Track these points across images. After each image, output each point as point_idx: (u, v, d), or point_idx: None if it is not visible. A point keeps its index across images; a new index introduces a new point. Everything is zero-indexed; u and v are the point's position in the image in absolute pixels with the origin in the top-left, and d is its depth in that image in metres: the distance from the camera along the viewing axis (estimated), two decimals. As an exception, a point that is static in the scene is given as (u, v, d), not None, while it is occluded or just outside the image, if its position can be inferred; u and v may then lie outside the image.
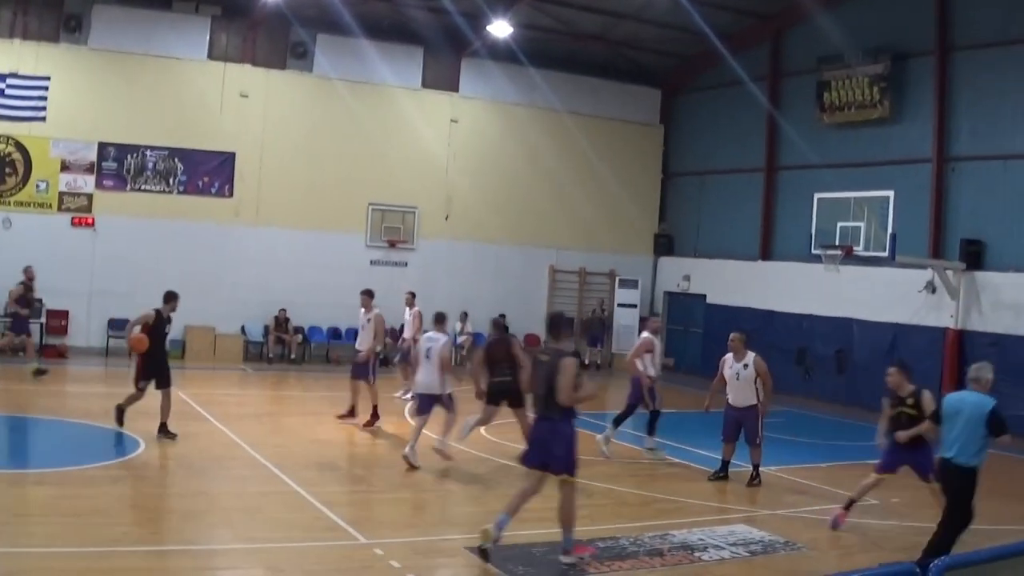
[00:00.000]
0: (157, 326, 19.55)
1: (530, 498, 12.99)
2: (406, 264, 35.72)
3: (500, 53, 35.80)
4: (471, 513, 15.20)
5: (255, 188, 33.25)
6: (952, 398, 13.52)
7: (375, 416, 21.98)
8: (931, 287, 29.13)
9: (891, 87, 31.29)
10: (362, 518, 14.03)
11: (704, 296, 38.04)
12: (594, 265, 39.22)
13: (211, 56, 32.86)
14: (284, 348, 33.32)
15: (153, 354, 19.41)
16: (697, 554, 13.46)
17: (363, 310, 23.59)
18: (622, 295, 39.08)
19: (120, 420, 19.13)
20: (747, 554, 13.65)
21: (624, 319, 38.71)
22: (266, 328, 33.40)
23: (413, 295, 27.42)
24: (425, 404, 18.74)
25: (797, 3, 33.40)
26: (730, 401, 18.66)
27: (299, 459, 18.52)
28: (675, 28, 35.10)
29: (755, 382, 18.26)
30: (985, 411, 12.87)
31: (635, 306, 38.81)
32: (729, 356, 18.73)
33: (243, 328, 33.41)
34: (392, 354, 31.07)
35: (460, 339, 35.06)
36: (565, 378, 12.39)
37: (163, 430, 18.98)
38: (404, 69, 35.69)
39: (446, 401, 18.63)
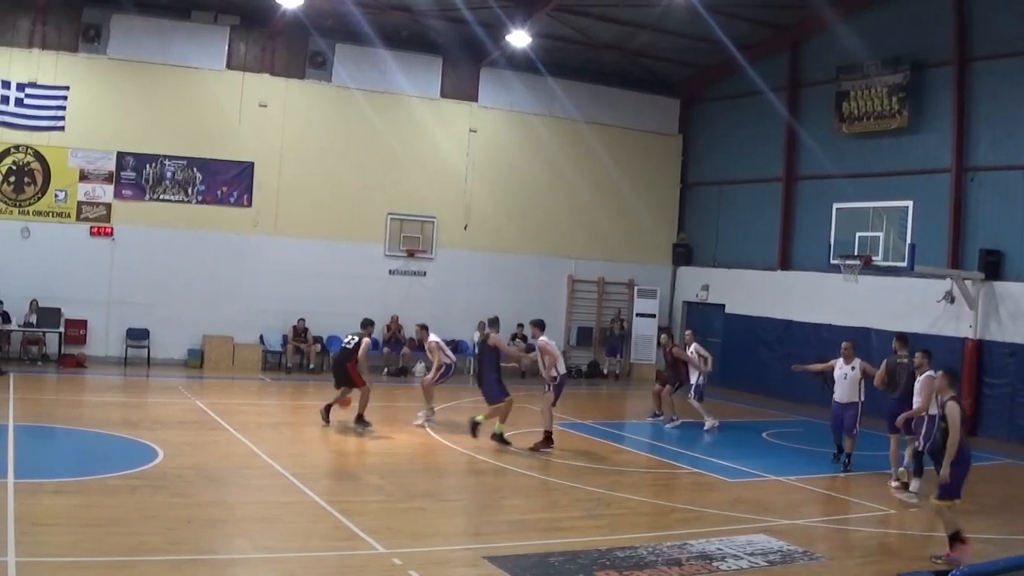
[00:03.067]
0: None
1: None
2: (425, 274, 35.72)
3: (519, 63, 35.87)
4: (489, 523, 15.19)
5: (274, 198, 33.27)
6: None
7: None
8: (950, 297, 29.04)
9: (910, 97, 31.21)
10: (380, 528, 13.96)
11: (723, 306, 37.96)
12: (613, 275, 39.18)
13: (230, 66, 32.89)
14: (303, 358, 33.23)
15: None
16: (715, 564, 13.39)
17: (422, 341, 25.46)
18: (641, 305, 38.99)
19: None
20: (765, 564, 13.59)
21: (643, 329, 38.67)
22: (285, 338, 33.34)
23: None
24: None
25: (815, 14, 33.38)
26: (835, 398, 21.66)
27: (317, 469, 18.57)
28: (693, 38, 35.04)
29: (860, 383, 21.34)
30: None
31: (654, 316, 38.76)
32: (839, 360, 21.75)
33: (261, 338, 33.35)
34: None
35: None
36: None
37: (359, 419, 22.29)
38: (423, 79, 35.70)
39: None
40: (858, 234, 30.72)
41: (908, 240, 29.61)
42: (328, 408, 22.79)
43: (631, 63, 38.12)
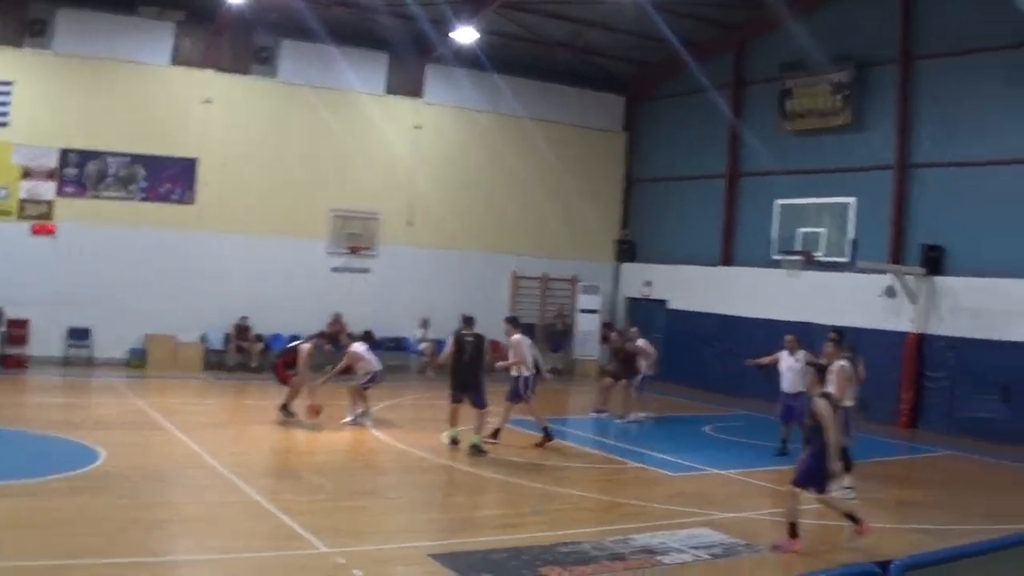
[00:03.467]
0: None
1: None
2: (368, 271, 35.55)
3: (465, 60, 35.78)
4: (432, 520, 15.22)
5: (217, 194, 32.96)
6: None
7: None
8: (891, 292, 29.27)
9: (853, 95, 31.49)
10: (323, 526, 13.93)
11: (665, 302, 38.11)
12: (556, 271, 39.23)
13: (175, 61, 32.58)
14: (245, 356, 33.06)
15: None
16: (659, 557, 13.48)
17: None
18: (584, 301, 39.03)
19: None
20: (708, 557, 13.69)
21: (586, 325, 38.73)
22: (227, 336, 33.12)
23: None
24: None
25: (762, 12, 33.56)
26: (784, 388, 22.30)
27: (259, 468, 18.54)
28: (640, 36, 35.15)
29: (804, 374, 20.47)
30: None
31: (596, 312, 38.82)
32: (784, 352, 22.51)
33: (204, 336, 33.15)
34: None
35: (421, 346, 35.03)
36: None
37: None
38: (368, 75, 35.54)
39: None
40: (800, 230, 31.01)
41: (850, 236, 29.92)
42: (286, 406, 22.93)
43: (578, 60, 38.19)
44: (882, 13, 31.07)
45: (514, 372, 21.90)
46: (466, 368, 21.03)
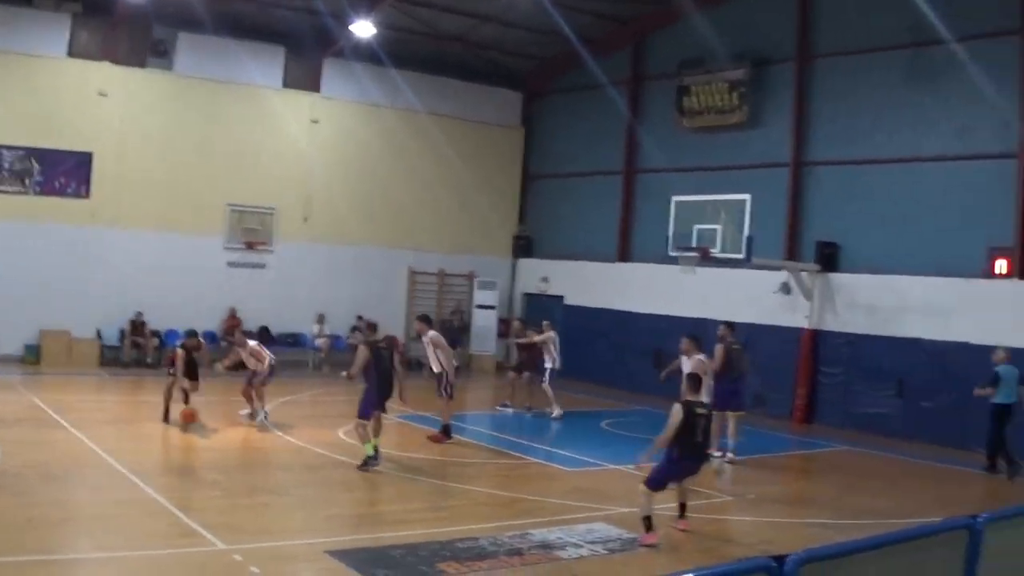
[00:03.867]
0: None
1: None
2: (264, 266, 35.27)
3: (363, 54, 35.60)
4: (330, 517, 15.19)
5: (113, 189, 32.51)
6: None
7: None
8: (786, 288, 29.57)
9: (750, 92, 31.80)
10: (220, 524, 13.86)
11: (562, 297, 38.25)
12: (453, 267, 39.23)
13: (71, 54, 32.00)
14: (140, 352, 32.69)
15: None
16: (556, 552, 13.57)
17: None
18: (481, 296, 39.07)
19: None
20: (605, 551, 13.80)
21: (483, 320, 38.79)
22: (122, 332, 32.71)
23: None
24: None
25: (659, 8, 33.79)
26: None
27: (156, 465, 18.39)
28: (537, 31, 35.28)
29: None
30: None
31: (494, 307, 38.87)
32: (683, 357, 21.68)
33: (99, 332, 32.70)
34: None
35: (318, 342, 34.94)
36: None
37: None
38: (266, 68, 35.19)
39: None
40: (696, 227, 31.25)
41: (746, 232, 30.19)
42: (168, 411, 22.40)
43: (475, 55, 38.22)
44: (780, 11, 31.43)
45: (436, 368, 22.12)
46: (388, 377, 19.41)
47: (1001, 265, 25.48)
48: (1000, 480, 21.67)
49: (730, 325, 22.73)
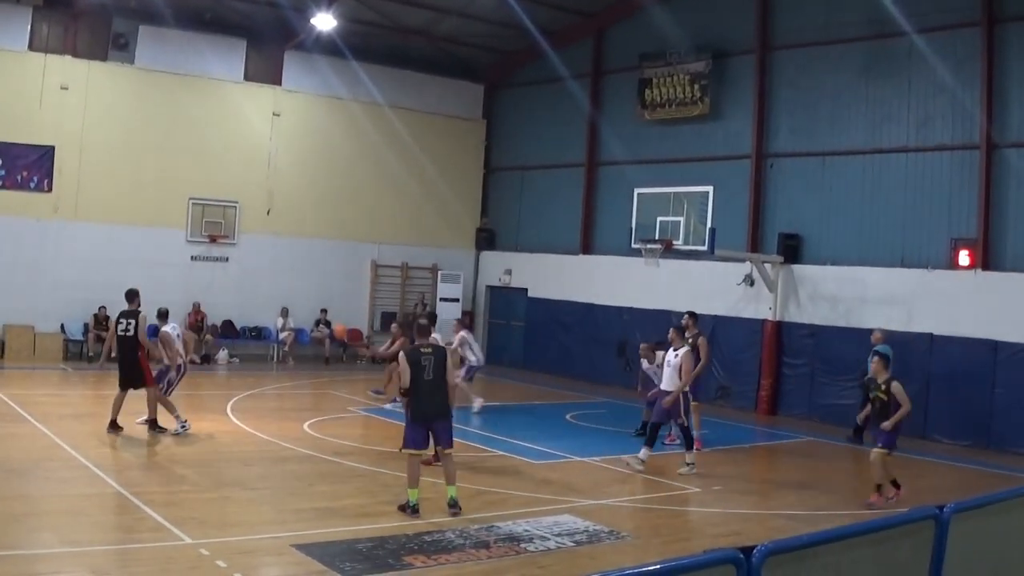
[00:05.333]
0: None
1: None
2: (227, 259, 35.17)
3: (325, 47, 35.53)
4: (296, 510, 15.12)
5: (75, 183, 32.33)
6: None
7: None
8: (749, 280, 29.70)
9: (712, 85, 31.88)
10: (186, 518, 13.79)
11: (526, 290, 38.29)
12: (416, 260, 39.20)
13: (31, 47, 31.78)
14: (104, 346, 32.44)
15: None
16: (523, 545, 13.55)
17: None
18: (444, 289, 39.04)
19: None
20: (572, 544, 13.79)
21: (446, 313, 38.69)
22: (86, 326, 32.59)
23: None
24: None
25: (619, 1, 33.83)
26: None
27: (121, 460, 18.31)
28: (498, 24, 35.28)
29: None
30: None
31: (457, 300, 38.85)
32: (643, 360, 22.37)
33: (63, 326, 32.54)
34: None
35: (282, 335, 34.88)
36: None
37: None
38: (226, 61, 35.06)
39: None
40: (659, 219, 31.20)
41: (708, 224, 30.20)
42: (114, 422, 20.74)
43: (436, 48, 38.16)
44: (740, 3, 31.54)
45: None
46: (433, 388, 15.20)
47: (964, 256, 25.63)
48: (967, 469, 21.84)
49: (693, 315, 22.88)
